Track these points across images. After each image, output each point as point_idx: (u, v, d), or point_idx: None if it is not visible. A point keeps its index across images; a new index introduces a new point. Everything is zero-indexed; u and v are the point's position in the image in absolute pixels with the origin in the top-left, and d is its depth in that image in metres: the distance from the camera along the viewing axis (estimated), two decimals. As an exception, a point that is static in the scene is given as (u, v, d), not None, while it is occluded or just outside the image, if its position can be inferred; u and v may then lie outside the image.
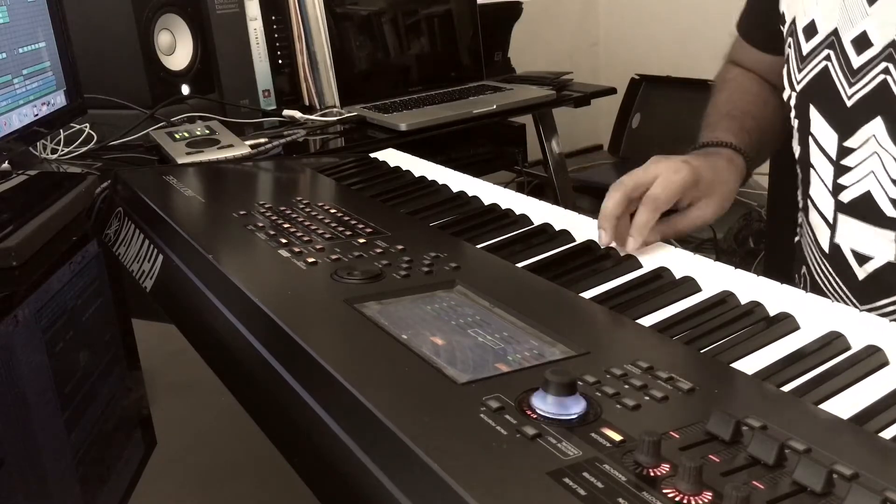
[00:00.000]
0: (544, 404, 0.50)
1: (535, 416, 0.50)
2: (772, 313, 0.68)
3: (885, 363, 0.60)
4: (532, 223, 0.93)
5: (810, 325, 0.66)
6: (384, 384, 0.56)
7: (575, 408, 0.50)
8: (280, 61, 1.86)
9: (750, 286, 0.72)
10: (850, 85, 0.84)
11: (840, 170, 0.88)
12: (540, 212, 0.95)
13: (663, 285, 0.75)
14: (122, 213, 1.05)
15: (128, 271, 0.94)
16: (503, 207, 0.97)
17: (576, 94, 2.07)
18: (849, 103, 0.85)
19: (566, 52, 2.96)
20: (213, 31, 1.76)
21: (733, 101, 1.04)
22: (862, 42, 0.83)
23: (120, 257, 0.99)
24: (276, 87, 1.86)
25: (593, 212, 0.91)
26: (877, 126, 0.83)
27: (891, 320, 0.65)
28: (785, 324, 0.66)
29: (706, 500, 0.42)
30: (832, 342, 0.63)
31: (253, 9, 1.81)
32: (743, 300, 0.71)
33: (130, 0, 1.64)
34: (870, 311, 0.73)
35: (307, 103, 1.90)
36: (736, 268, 0.76)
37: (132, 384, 0.81)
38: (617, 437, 0.48)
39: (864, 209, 0.86)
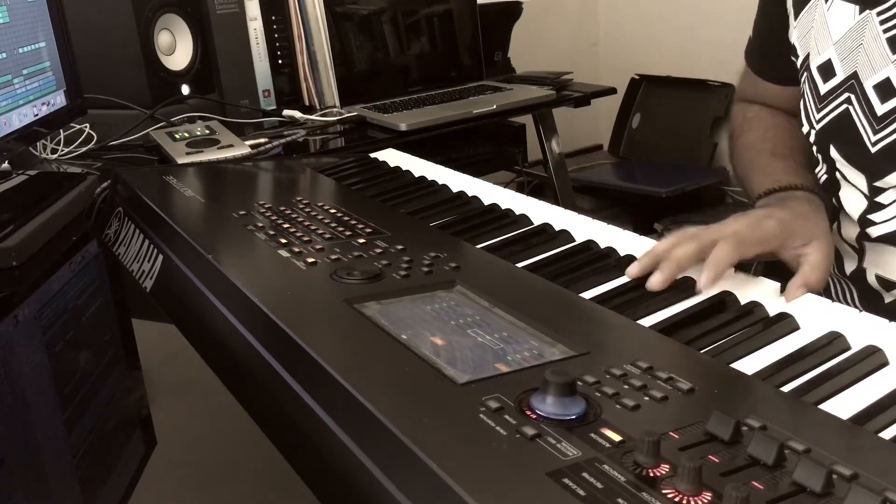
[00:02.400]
0: (544, 404, 0.50)
1: (534, 417, 0.50)
2: (771, 313, 0.68)
3: (884, 363, 0.60)
4: (532, 223, 0.93)
5: (810, 325, 0.66)
6: (384, 384, 0.56)
7: (574, 408, 0.50)
8: (280, 61, 1.86)
9: (750, 286, 0.72)
10: (875, 132, 0.81)
11: (873, 206, 0.85)
12: (540, 212, 0.95)
13: (663, 285, 0.75)
14: (122, 213, 1.05)
15: (128, 271, 0.94)
16: (503, 207, 0.97)
17: (576, 94, 2.07)
18: (873, 150, 0.82)
19: (566, 52, 2.96)
20: (213, 31, 1.76)
21: (772, 139, 0.98)
22: (886, 89, 0.80)
23: (120, 257, 0.99)
24: (276, 87, 1.86)
25: (593, 212, 0.91)
26: None
27: None
28: (785, 324, 0.66)
29: (706, 501, 0.42)
30: (832, 342, 0.63)
31: (253, 9, 1.81)
32: (743, 300, 0.71)
33: (130, 0, 1.64)
34: None
35: (307, 103, 1.90)
36: (736, 268, 0.76)
37: (132, 384, 0.81)
38: (616, 438, 0.48)
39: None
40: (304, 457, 0.57)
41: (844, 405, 0.55)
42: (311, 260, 0.77)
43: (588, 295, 0.74)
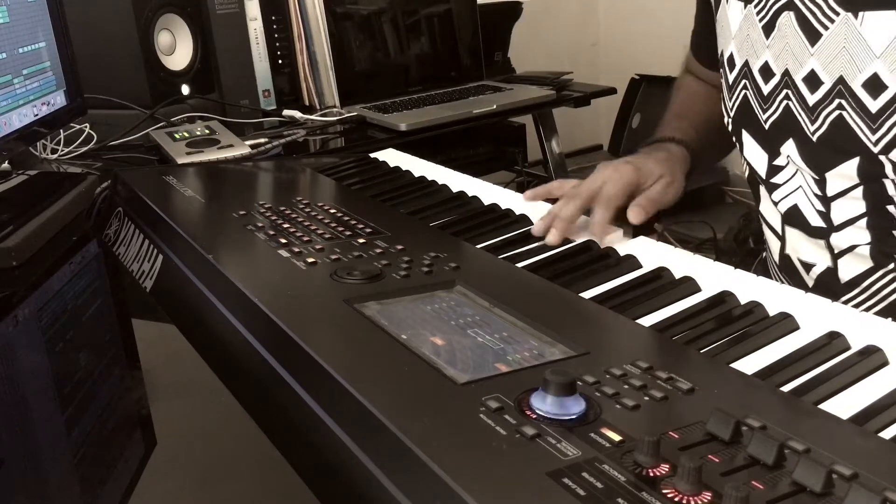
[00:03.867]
0: (544, 404, 0.50)
1: (534, 417, 0.50)
2: (771, 313, 0.68)
3: (884, 363, 0.60)
4: (532, 223, 0.92)
5: (810, 325, 0.66)
6: (384, 384, 0.56)
7: (574, 408, 0.50)
8: (280, 61, 1.86)
9: (750, 286, 0.72)
10: (764, 111, 0.91)
11: (771, 186, 0.94)
12: (540, 212, 0.94)
13: (663, 285, 0.75)
14: (122, 213, 1.05)
15: (128, 271, 0.94)
16: (503, 207, 0.97)
17: (576, 94, 2.07)
18: (766, 127, 0.91)
19: (566, 52, 2.96)
20: (213, 31, 1.76)
21: (685, 104, 1.14)
22: (766, 71, 0.90)
23: (120, 257, 0.99)
24: (276, 87, 1.86)
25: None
26: (790, 147, 0.88)
27: None
28: (784, 324, 0.66)
29: (706, 501, 0.42)
30: (832, 342, 0.63)
31: (253, 9, 1.81)
32: (743, 300, 0.71)
33: (130, 0, 1.64)
34: None
35: (307, 103, 1.90)
36: (736, 268, 0.76)
37: (132, 384, 0.81)
38: (616, 438, 0.48)
39: (798, 221, 0.91)
40: (304, 457, 0.57)
41: (844, 405, 0.55)
42: (311, 260, 0.77)
43: (588, 295, 0.74)
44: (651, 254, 0.82)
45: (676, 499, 0.43)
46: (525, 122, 2.20)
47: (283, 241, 0.83)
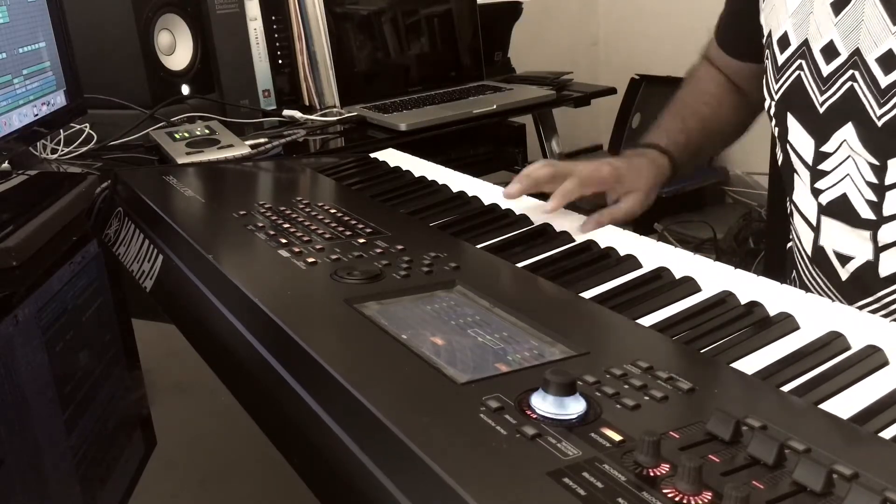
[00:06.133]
0: (544, 404, 0.50)
1: (534, 416, 0.50)
2: (771, 313, 0.68)
3: (884, 363, 0.60)
4: (532, 223, 0.93)
5: (810, 325, 0.66)
6: (384, 384, 0.56)
7: (575, 408, 0.50)
8: (280, 61, 1.86)
9: (750, 286, 0.72)
10: (822, 93, 0.88)
11: (817, 174, 0.91)
12: (540, 212, 0.95)
13: (663, 285, 0.75)
14: (122, 213, 1.05)
15: (128, 271, 0.94)
16: (503, 207, 0.97)
17: (576, 94, 2.07)
18: (821, 110, 0.88)
19: (566, 52, 2.95)
20: (213, 31, 1.76)
21: (687, 101, 1.14)
22: (830, 51, 0.86)
23: (120, 257, 0.99)
24: (276, 87, 1.86)
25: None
26: (848, 131, 0.85)
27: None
28: (784, 324, 0.66)
29: (706, 500, 0.42)
30: (832, 342, 0.63)
31: (253, 9, 1.81)
32: (743, 300, 0.71)
33: (130, 0, 1.64)
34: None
35: (307, 103, 1.89)
36: (736, 268, 0.76)
37: (132, 384, 0.81)
38: (617, 437, 0.48)
39: (842, 211, 0.89)
40: (304, 457, 0.57)
41: (844, 405, 0.55)
42: (311, 260, 0.77)
43: (588, 295, 0.74)
44: (651, 254, 0.82)
45: (677, 499, 0.43)
46: (525, 122, 2.20)
47: (284, 241, 0.83)
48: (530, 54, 2.52)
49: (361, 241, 0.83)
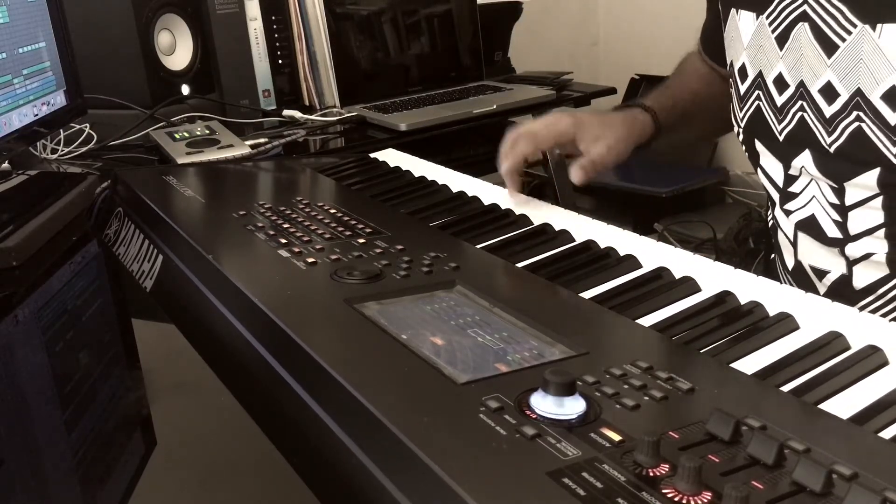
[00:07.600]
0: (544, 404, 0.50)
1: (534, 416, 0.50)
2: (771, 313, 0.68)
3: (884, 363, 0.60)
4: (532, 223, 0.93)
5: (810, 325, 0.66)
6: (384, 384, 0.56)
7: (574, 408, 0.50)
8: (280, 61, 1.86)
9: (750, 286, 0.72)
10: (779, 122, 0.91)
11: (786, 196, 0.94)
12: (540, 212, 0.95)
13: (663, 285, 0.75)
14: (122, 213, 1.05)
15: (128, 271, 0.94)
16: (503, 207, 0.97)
17: (576, 94, 2.07)
18: (780, 138, 0.92)
19: (566, 52, 2.95)
20: (213, 31, 1.76)
21: (678, 76, 1.16)
22: (780, 83, 0.90)
23: (120, 257, 0.99)
24: (276, 87, 1.86)
25: (593, 212, 0.92)
26: (806, 158, 0.89)
27: None
28: (784, 324, 0.66)
29: (705, 500, 0.42)
30: (832, 342, 0.63)
31: (253, 9, 1.81)
32: (743, 300, 0.71)
33: (130, 0, 1.64)
34: None
35: (307, 103, 1.89)
36: (736, 268, 0.76)
37: (132, 384, 0.81)
38: (616, 437, 0.48)
39: (812, 229, 0.91)
40: (304, 457, 0.57)
41: (844, 405, 0.55)
42: (311, 260, 0.77)
43: (588, 295, 0.74)
44: (651, 254, 0.82)
45: (676, 499, 0.43)
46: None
47: (283, 241, 0.83)
48: (530, 54, 2.51)
49: (361, 241, 0.83)
